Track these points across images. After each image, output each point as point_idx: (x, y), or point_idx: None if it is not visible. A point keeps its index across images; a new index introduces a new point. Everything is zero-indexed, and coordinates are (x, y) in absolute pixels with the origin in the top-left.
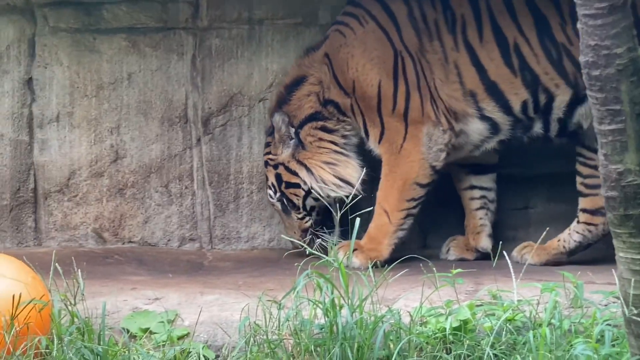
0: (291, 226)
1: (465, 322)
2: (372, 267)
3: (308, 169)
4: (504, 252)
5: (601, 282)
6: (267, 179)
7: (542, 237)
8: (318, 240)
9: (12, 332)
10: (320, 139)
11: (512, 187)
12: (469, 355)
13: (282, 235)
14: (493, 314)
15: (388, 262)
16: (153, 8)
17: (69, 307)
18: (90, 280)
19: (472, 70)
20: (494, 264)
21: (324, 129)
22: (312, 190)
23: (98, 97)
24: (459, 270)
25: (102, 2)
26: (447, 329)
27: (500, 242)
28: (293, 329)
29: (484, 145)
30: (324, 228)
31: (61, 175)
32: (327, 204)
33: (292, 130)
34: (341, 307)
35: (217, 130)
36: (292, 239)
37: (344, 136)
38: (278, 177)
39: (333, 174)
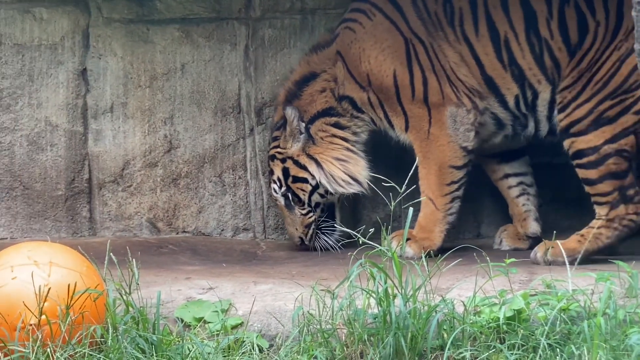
0: (293, 222)
1: (519, 311)
2: (425, 256)
3: (318, 164)
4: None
5: None
6: (272, 173)
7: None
8: (321, 239)
9: (67, 321)
10: (333, 135)
11: (567, 175)
12: (522, 345)
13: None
14: (547, 304)
15: (441, 250)
16: None
17: (124, 297)
18: (145, 270)
19: (474, 64)
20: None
21: (337, 125)
22: (320, 185)
23: (152, 88)
24: (512, 259)
25: None
26: (501, 319)
27: (555, 232)
28: (346, 318)
29: (492, 140)
30: (326, 226)
31: (115, 166)
32: (331, 202)
33: (302, 125)
34: (394, 296)
35: (270, 120)
36: (292, 235)
37: (354, 133)
38: (285, 171)
39: (344, 171)
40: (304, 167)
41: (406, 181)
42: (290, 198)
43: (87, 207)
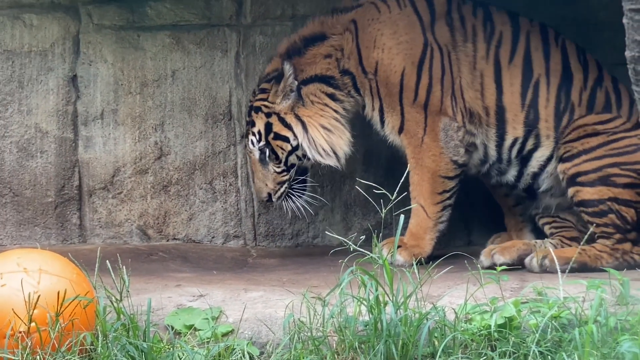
0: (264, 177)
1: (511, 319)
2: (416, 264)
3: (304, 127)
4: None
5: None
6: (252, 125)
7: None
8: (290, 199)
9: (57, 329)
10: (325, 104)
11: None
12: (514, 353)
13: (253, 190)
14: (538, 311)
15: (431, 258)
16: (197, 5)
17: (114, 304)
18: (135, 277)
19: (492, 87)
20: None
21: (332, 96)
22: (300, 148)
23: (142, 94)
24: (503, 267)
25: (146, 0)
26: (492, 326)
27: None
28: (337, 325)
29: (472, 167)
30: (297, 188)
31: (105, 172)
32: (305, 166)
33: (296, 83)
34: (385, 304)
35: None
36: (260, 190)
37: (345, 109)
38: (268, 126)
39: (327, 140)
40: (288, 126)
41: (397, 189)
42: (267, 154)
43: (77, 214)
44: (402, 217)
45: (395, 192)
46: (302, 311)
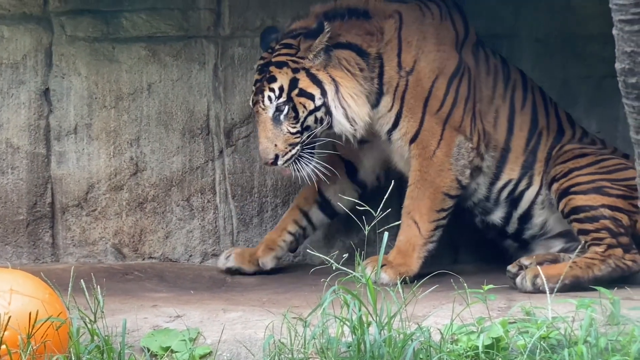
0: (275, 137)
1: (498, 339)
2: (401, 282)
3: (337, 85)
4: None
5: (639, 298)
6: (269, 81)
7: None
8: (299, 162)
9: (28, 351)
10: (355, 74)
11: None
12: None
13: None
14: (527, 332)
15: (417, 277)
16: (173, 16)
17: (88, 325)
18: (110, 297)
19: (505, 126)
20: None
21: (361, 70)
22: (323, 108)
23: (117, 108)
24: (491, 286)
25: (121, 10)
26: (480, 347)
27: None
28: (319, 347)
29: (467, 194)
30: (308, 154)
31: (79, 189)
32: (315, 134)
33: (328, 43)
34: (369, 324)
35: (240, 142)
36: (267, 151)
37: (368, 91)
38: (294, 81)
39: (354, 105)
40: (318, 83)
41: (381, 205)
42: (285, 111)
43: (49, 232)
44: (386, 234)
45: (379, 209)
46: (282, 332)
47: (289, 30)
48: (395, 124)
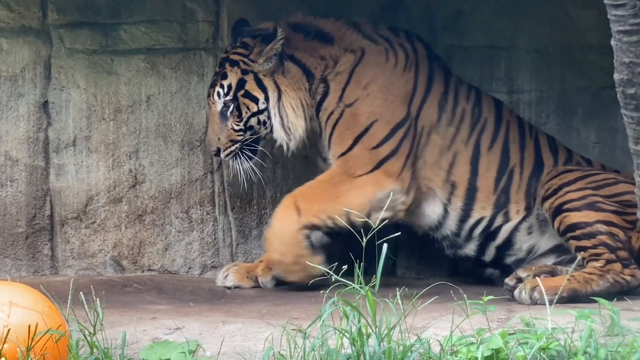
0: (220, 131)
1: (498, 351)
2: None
3: (279, 94)
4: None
5: (639, 309)
6: (221, 77)
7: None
8: (238, 158)
9: None
10: (300, 89)
11: None
12: None
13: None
14: (526, 343)
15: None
16: (172, 28)
17: (88, 338)
18: (109, 310)
19: (467, 168)
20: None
21: (308, 89)
22: (265, 112)
23: (116, 121)
24: (490, 297)
25: (120, 23)
26: (479, 358)
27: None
28: (319, 359)
29: (418, 228)
30: (249, 151)
31: (78, 202)
32: (258, 135)
33: (280, 50)
34: (368, 336)
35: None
36: (210, 143)
37: (307, 104)
38: (241, 82)
39: (293, 116)
40: (263, 88)
41: (379, 216)
42: (231, 109)
43: (48, 244)
44: (385, 245)
45: (377, 220)
46: (282, 344)
47: (253, 29)
48: (329, 146)
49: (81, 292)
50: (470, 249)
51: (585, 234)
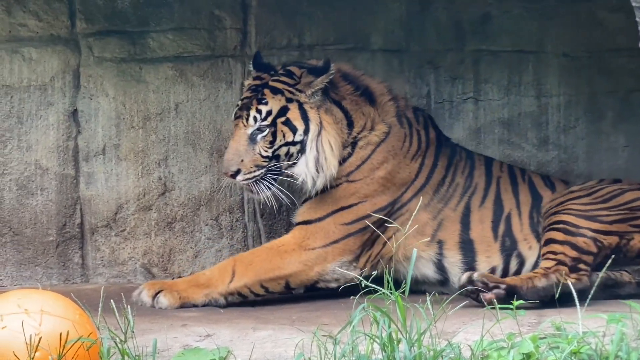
0: (245, 153)
1: (529, 355)
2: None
3: (320, 130)
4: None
5: None
6: (259, 102)
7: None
8: (260, 184)
9: None
10: (341, 130)
11: None
12: None
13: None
14: (557, 347)
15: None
16: (200, 36)
17: (119, 345)
18: (140, 317)
19: (456, 227)
20: (557, 294)
21: (345, 137)
22: (299, 144)
23: (145, 129)
24: (520, 301)
25: (148, 31)
26: None
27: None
28: None
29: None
30: (270, 179)
31: (108, 210)
32: (280, 166)
33: (327, 92)
34: (399, 341)
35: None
36: (230, 163)
37: (341, 149)
38: (283, 109)
39: (330, 154)
40: (305, 120)
41: (410, 221)
42: (265, 134)
43: (79, 252)
44: (414, 250)
45: (408, 225)
46: (312, 350)
47: (299, 62)
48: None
49: (112, 300)
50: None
51: (566, 229)
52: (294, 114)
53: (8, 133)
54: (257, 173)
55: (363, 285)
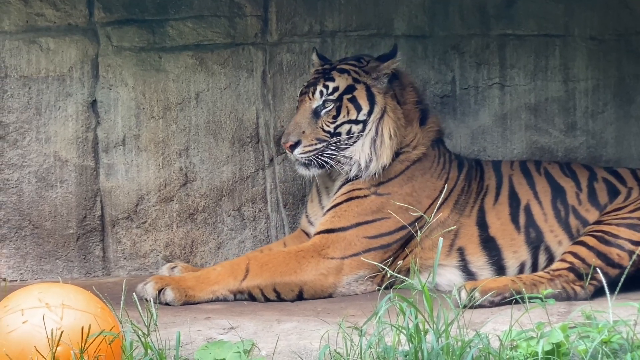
0: (307, 124)
1: (558, 345)
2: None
3: (383, 115)
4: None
5: None
6: (326, 79)
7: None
8: (320, 158)
9: None
10: (399, 122)
11: None
12: None
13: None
14: (587, 336)
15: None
16: (220, 23)
17: (141, 339)
18: (162, 310)
19: (474, 230)
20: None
21: (405, 124)
22: (359, 124)
23: (165, 118)
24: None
25: (167, 19)
26: (539, 353)
27: None
28: (376, 356)
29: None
30: (328, 155)
31: (129, 201)
32: (342, 146)
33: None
34: (426, 332)
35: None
36: (291, 132)
37: (399, 135)
38: (350, 87)
39: (388, 139)
40: (371, 100)
41: (434, 211)
42: (329, 109)
43: (100, 245)
44: (440, 239)
45: (432, 214)
46: (338, 342)
47: (374, 56)
48: (322, 214)
49: (134, 293)
50: None
51: (606, 240)
52: (360, 93)
53: (27, 125)
54: (317, 146)
55: (389, 275)
